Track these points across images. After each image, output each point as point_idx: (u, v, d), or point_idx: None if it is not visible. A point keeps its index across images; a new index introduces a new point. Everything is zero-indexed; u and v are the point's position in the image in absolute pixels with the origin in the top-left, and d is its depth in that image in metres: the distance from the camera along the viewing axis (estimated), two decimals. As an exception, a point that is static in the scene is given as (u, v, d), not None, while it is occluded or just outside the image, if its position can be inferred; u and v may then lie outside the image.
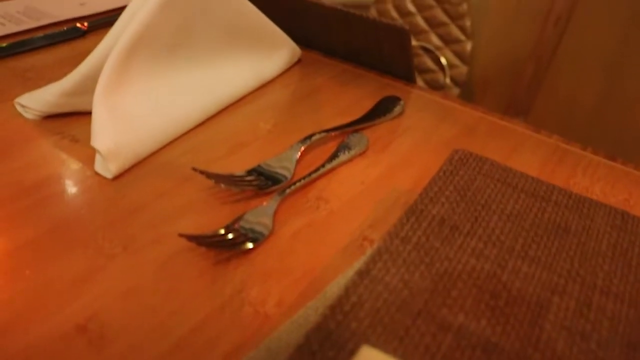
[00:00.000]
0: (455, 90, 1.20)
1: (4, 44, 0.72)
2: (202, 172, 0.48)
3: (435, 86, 1.20)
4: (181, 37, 0.58)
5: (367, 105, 0.65)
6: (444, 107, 0.67)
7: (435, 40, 1.19)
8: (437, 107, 0.67)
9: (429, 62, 1.21)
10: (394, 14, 1.23)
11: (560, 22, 1.03)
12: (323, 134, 0.57)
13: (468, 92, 1.26)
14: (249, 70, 0.65)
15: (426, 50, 1.20)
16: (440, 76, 1.20)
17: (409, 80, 0.71)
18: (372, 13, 1.26)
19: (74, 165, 0.52)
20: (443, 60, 1.19)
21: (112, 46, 0.54)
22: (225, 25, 0.62)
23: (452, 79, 1.19)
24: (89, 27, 0.78)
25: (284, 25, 0.69)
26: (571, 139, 0.63)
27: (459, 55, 1.17)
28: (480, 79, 1.40)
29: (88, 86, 0.56)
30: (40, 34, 0.76)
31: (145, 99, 0.55)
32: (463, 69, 1.18)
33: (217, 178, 0.48)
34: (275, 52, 0.69)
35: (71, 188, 0.49)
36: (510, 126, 0.65)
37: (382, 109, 0.64)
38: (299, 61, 0.73)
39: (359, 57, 0.73)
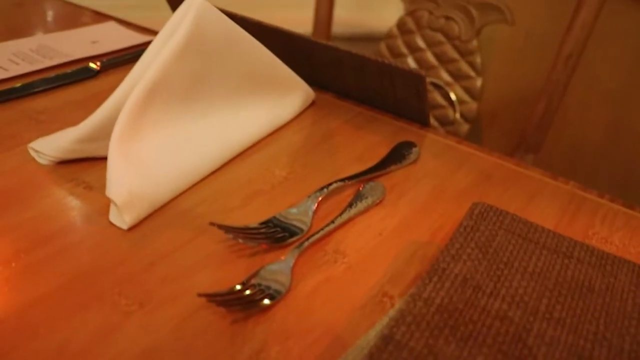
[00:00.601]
0: (465, 126, 1.19)
1: (18, 84, 0.72)
2: (219, 227, 0.47)
3: (444, 122, 1.20)
4: (196, 84, 0.58)
5: (382, 150, 0.65)
6: (459, 153, 0.67)
7: (445, 76, 1.19)
8: (452, 153, 0.67)
9: (438, 98, 1.21)
10: (404, 49, 1.23)
11: (572, 59, 1.03)
12: (339, 183, 0.56)
13: (478, 128, 1.26)
14: (264, 115, 0.65)
15: (436, 86, 1.20)
16: (450, 112, 1.19)
17: (424, 123, 0.71)
18: (382, 48, 1.26)
19: (88, 215, 0.52)
20: (453, 96, 1.19)
21: (127, 93, 0.54)
22: (241, 70, 0.61)
23: (462, 115, 1.19)
24: (101, 66, 0.77)
25: (296, 67, 0.69)
26: (580, 175, 0.63)
27: (469, 91, 1.17)
28: (490, 115, 1.40)
29: (102, 133, 0.55)
30: (53, 73, 0.76)
31: (160, 147, 0.55)
32: (473, 105, 1.18)
33: (235, 233, 0.47)
34: (289, 96, 0.68)
35: (86, 240, 0.49)
36: (526, 173, 0.64)
37: (397, 155, 0.63)
38: (312, 103, 0.73)
39: (373, 100, 0.73)
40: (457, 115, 1.19)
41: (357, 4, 1.91)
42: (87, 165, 0.58)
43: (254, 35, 0.61)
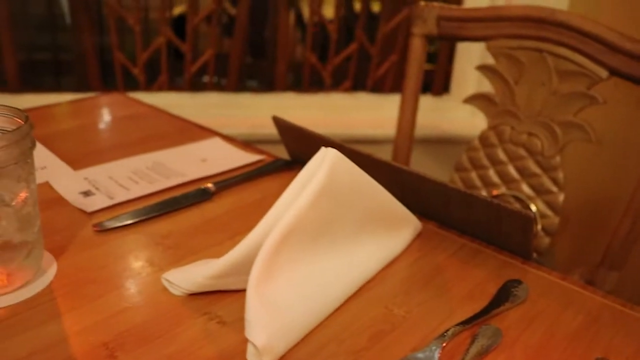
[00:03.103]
0: (546, 240, 1.21)
1: (140, 207, 0.77)
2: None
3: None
4: (324, 227, 0.62)
5: (491, 287, 0.67)
6: (564, 290, 0.68)
7: (526, 189, 1.22)
8: (557, 290, 0.68)
9: (519, 211, 1.22)
10: (486, 162, 1.26)
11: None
12: (459, 327, 0.59)
13: (560, 242, 1.27)
14: (379, 251, 0.68)
15: (517, 199, 1.22)
16: (531, 225, 1.21)
17: (526, 257, 0.73)
18: (464, 160, 1.29)
19: (226, 352, 0.55)
20: (534, 209, 1.21)
21: (262, 235, 0.58)
22: (362, 212, 0.65)
23: (543, 229, 1.21)
24: (216, 188, 0.82)
25: (403, 198, 0.72)
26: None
27: (551, 205, 1.19)
28: (572, 230, 1.41)
29: (235, 270, 0.60)
30: (169, 193, 0.81)
31: (292, 288, 0.58)
32: (555, 220, 1.19)
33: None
34: (401, 230, 0.72)
35: (228, 379, 0.52)
36: (634, 315, 0.65)
37: (507, 294, 0.65)
38: (418, 234, 0.76)
39: (477, 233, 0.76)
40: (539, 228, 1.20)
41: (429, 107, 1.96)
42: (217, 298, 0.62)
43: (363, 167, 0.65)
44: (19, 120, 0.60)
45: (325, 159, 0.59)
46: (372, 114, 1.99)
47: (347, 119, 1.92)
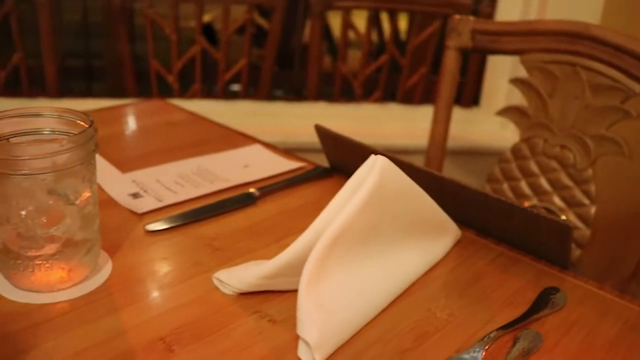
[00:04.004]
0: (577, 252, 1.22)
1: (188, 210, 0.80)
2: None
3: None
4: (371, 231, 0.64)
5: (529, 294, 0.69)
6: (601, 299, 0.70)
7: (557, 201, 1.23)
8: (595, 299, 0.70)
9: (550, 222, 1.24)
10: (517, 174, 1.28)
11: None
12: (501, 331, 0.61)
13: (591, 254, 1.28)
14: (423, 256, 0.71)
15: (549, 211, 1.24)
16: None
17: (564, 267, 0.75)
18: (496, 172, 1.31)
19: (277, 349, 0.57)
20: (565, 221, 1.22)
21: (312, 238, 0.61)
22: (407, 218, 0.68)
23: (574, 241, 1.22)
24: (259, 193, 0.85)
25: (443, 206, 0.75)
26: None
27: (582, 218, 1.21)
28: (603, 242, 1.41)
29: (285, 271, 0.62)
30: (214, 197, 0.84)
31: (341, 289, 0.61)
32: (586, 232, 1.21)
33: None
34: (443, 236, 0.74)
35: (280, 375, 0.54)
36: (670, 324, 0.67)
37: (545, 301, 0.67)
38: (457, 241, 0.78)
39: (514, 241, 0.77)
40: (570, 241, 1.22)
41: (459, 119, 1.98)
42: (267, 298, 0.64)
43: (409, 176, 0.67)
44: (83, 124, 0.63)
45: (376, 166, 0.62)
46: (402, 124, 2.02)
47: (378, 129, 1.95)
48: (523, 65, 1.25)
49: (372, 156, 0.63)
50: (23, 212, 0.59)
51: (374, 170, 0.62)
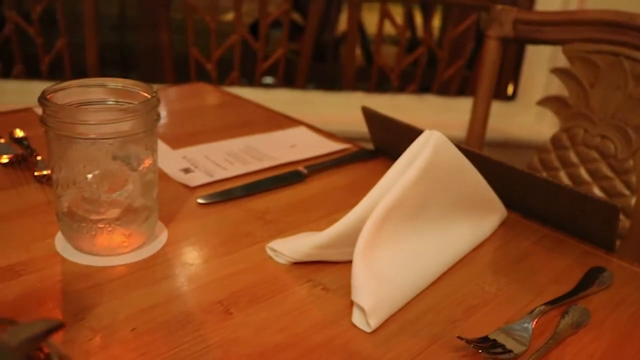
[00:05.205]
0: (617, 242, 1.22)
1: (239, 185, 0.82)
2: (468, 342, 0.53)
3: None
4: (422, 204, 0.65)
5: (576, 273, 0.70)
6: (647, 281, 0.71)
7: (597, 192, 1.23)
8: (638, 281, 0.71)
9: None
10: (557, 164, 1.28)
11: None
12: (549, 306, 0.62)
13: (631, 245, 1.28)
14: (470, 233, 0.72)
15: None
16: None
17: (609, 249, 0.75)
18: (535, 162, 1.31)
19: (331, 316, 0.59)
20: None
21: (366, 210, 0.62)
22: (457, 193, 0.69)
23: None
24: (308, 171, 0.87)
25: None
26: None
27: (622, 209, 1.21)
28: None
29: (339, 241, 0.64)
30: (262, 174, 0.86)
31: (394, 259, 0.62)
32: (626, 223, 1.21)
33: (484, 348, 0.53)
34: (490, 215, 0.75)
35: (334, 339, 0.56)
36: None
37: (592, 279, 0.68)
38: (502, 222, 0.79)
39: (560, 223, 0.78)
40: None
41: (494, 112, 1.98)
42: (319, 267, 0.66)
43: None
44: (146, 94, 0.65)
45: (430, 140, 0.63)
46: (439, 116, 2.02)
47: (415, 120, 1.93)
48: (565, 55, 1.25)
49: (427, 131, 0.65)
50: (89, 176, 0.61)
51: (429, 145, 0.63)
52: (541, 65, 1.95)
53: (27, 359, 0.33)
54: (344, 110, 1.92)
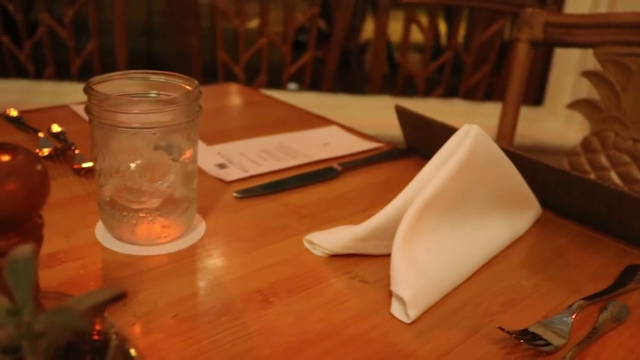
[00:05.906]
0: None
1: (274, 180, 0.82)
2: (509, 333, 0.53)
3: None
4: (459, 197, 0.66)
5: (613, 270, 0.69)
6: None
7: (628, 195, 1.22)
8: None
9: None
10: (587, 167, 1.28)
11: None
12: (587, 302, 0.61)
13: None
14: (507, 228, 0.72)
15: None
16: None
17: (646, 248, 0.75)
18: (565, 165, 1.31)
19: (369, 307, 0.59)
20: None
21: (404, 204, 0.63)
22: (494, 187, 0.69)
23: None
24: (342, 169, 0.87)
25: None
26: None
27: (654, 212, 1.20)
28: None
29: (377, 234, 0.64)
30: (296, 171, 0.86)
31: (433, 252, 0.63)
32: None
33: (525, 339, 0.53)
34: (525, 211, 0.75)
35: (372, 330, 0.56)
36: None
37: (630, 276, 0.68)
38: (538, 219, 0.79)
39: (595, 222, 0.78)
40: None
41: (522, 117, 1.97)
42: (357, 260, 0.66)
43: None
44: (189, 87, 0.66)
45: (469, 134, 0.64)
46: (467, 120, 2.01)
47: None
48: (596, 58, 1.25)
49: (466, 125, 0.65)
50: (132, 165, 0.62)
51: (467, 138, 0.63)
52: (569, 69, 1.94)
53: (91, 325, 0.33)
54: (371, 114, 1.93)
